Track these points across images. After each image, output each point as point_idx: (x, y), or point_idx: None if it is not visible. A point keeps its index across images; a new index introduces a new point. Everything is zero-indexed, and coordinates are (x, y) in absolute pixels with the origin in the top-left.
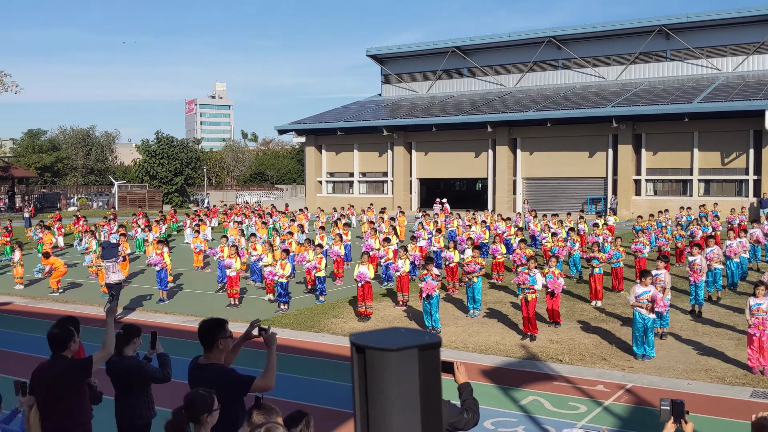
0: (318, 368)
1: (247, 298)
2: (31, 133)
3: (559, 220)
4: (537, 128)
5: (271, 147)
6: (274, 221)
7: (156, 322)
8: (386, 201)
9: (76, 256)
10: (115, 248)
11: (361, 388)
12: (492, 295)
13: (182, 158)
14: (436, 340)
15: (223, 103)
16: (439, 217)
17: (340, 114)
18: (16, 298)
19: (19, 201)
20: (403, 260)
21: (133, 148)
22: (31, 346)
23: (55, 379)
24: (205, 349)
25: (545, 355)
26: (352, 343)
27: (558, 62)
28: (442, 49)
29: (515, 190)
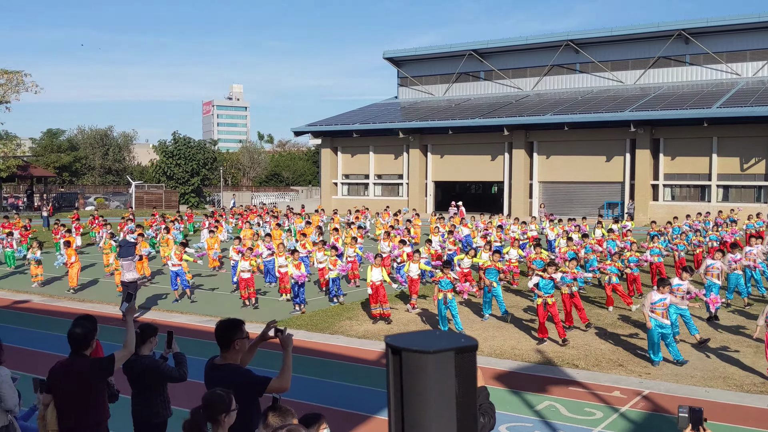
0: (332, 370)
1: (263, 299)
2: (50, 133)
3: (576, 224)
4: (554, 132)
5: (287, 148)
6: (290, 224)
7: (172, 321)
8: (401, 203)
9: (95, 256)
10: (132, 247)
11: (396, 390)
12: (507, 299)
13: (199, 159)
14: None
15: (239, 104)
16: (455, 220)
17: (356, 116)
18: (33, 296)
19: (38, 200)
20: (416, 264)
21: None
22: (48, 344)
23: (76, 378)
24: (222, 350)
25: (561, 360)
26: (387, 344)
27: (576, 66)
28: (459, 52)
29: (531, 193)
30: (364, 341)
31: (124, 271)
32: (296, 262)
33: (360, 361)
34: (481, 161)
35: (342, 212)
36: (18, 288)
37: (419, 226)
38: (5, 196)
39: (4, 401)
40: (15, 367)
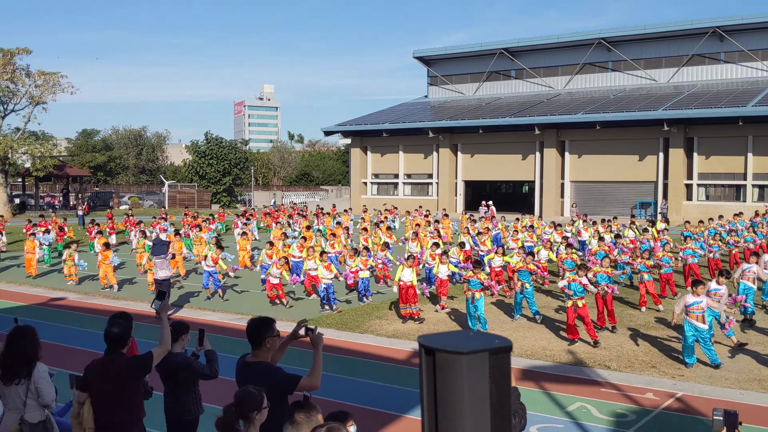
0: (362, 369)
1: (292, 298)
2: (85, 133)
3: (608, 225)
4: (586, 131)
5: (317, 148)
6: (320, 224)
7: (204, 319)
8: (431, 203)
9: (127, 254)
10: (165, 245)
11: (429, 390)
12: (538, 299)
13: (230, 159)
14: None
15: (270, 104)
16: (485, 221)
17: (385, 115)
18: (69, 294)
19: (73, 199)
20: (444, 265)
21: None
22: (84, 341)
23: (114, 376)
24: (253, 348)
25: (593, 361)
26: (420, 345)
27: (608, 64)
28: (489, 51)
29: (563, 193)
30: (394, 340)
31: (157, 269)
32: (326, 264)
33: (389, 361)
34: (512, 161)
35: (371, 212)
36: (54, 285)
37: (449, 228)
38: (42, 195)
39: (41, 396)
40: (51, 364)
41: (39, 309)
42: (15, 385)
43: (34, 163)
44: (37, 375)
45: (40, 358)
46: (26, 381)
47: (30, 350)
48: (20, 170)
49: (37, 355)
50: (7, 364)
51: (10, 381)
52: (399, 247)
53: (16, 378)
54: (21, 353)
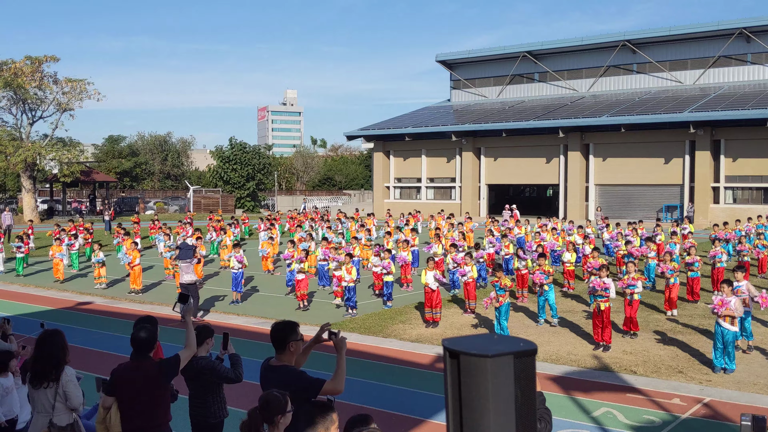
0: (386, 373)
1: (316, 302)
2: (111, 139)
3: (633, 228)
4: (611, 134)
5: (340, 153)
6: (343, 227)
7: (228, 323)
8: (454, 207)
9: (154, 259)
10: (191, 250)
11: (454, 393)
12: (563, 303)
13: (254, 164)
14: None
15: (293, 109)
16: (509, 223)
17: (408, 120)
18: (96, 298)
19: (100, 204)
20: (469, 266)
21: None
22: (110, 345)
23: (143, 380)
24: (277, 351)
25: (619, 366)
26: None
27: (633, 66)
28: (512, 54)
29: (587, 196)
30: (418, 345)
31: (183, 273)
32: (348, 266)
33: (413, 365)
34: (536, 164)
35: (395, 215)
36: (82, 290)
37: (471, 231)
38: (69, 201)
39: (69, 400)
40: (78, 367)
41: (66, 313)
42: (44, 389)
43: (62, 169)
44: (65, 379)
45: (68, 361)
46: (54, 384)
47: (58, 354)
48: (48, 176)
49: (65, 358)
50: (36, 367)
51: (39, 384)
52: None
53: (44, 381)
54: (49, 357)
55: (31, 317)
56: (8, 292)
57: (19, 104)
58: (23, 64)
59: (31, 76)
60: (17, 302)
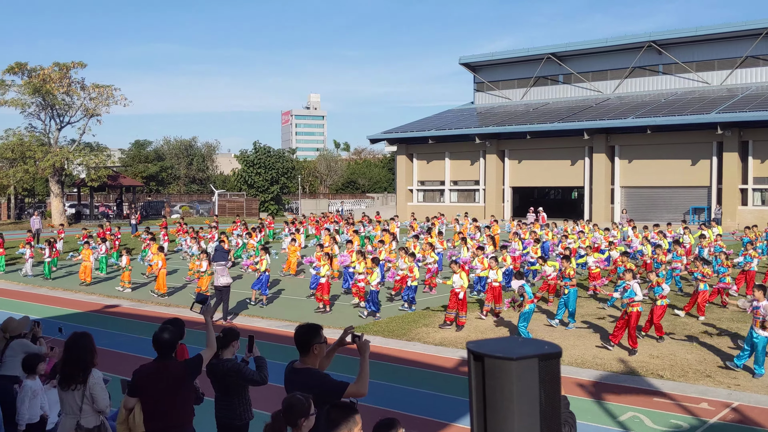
0: (409, 376)
1: (338, 305)
2: (138, 144)
3: (660, 231)
4: (636, 135)
5: (363, 156)
6: (367, 230)
7: (253, 326)
8: (478, 209)
9: (179, 262)
10: (226, 253)
11: (478, 396)
12: (589, 306)
13: (278, 167)
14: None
15: (317, 113)
16: (534, 226)
17: (431, 122)
18: (123, 301)
19: (127, 208)
20: (494, 270)
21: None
22: (137, 347)
23: (168, 380)
24: (301, 354)
25: (645, 370)
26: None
27: (659, 67)
28: (536, 56)
29: (613, 199)
30: (441, 348)
31: (217, 275)
32: (370, 269)
33: (437, 369)
34: (561, 166)
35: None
36: (109, 293)
37: (498, 234)
38: (96, 205)
39: (96, 402)
40: (106, 369)
41: (94, 316)
42: (72, 391)
43: (89, 173)
44: (92, 381)
45: (95, 364)
46: (82, 387)
47: (86, 357)
48: (76, 181)
49: (93, 361)
50: (64, 369)
51: (67, 386)
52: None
53: (72, 383)
54: (77, 359)
55: (59, 320)
56: (37, 295)
57: (48, 110)
58: (51, 70)
59: (59, 82)
60: (46, 305)
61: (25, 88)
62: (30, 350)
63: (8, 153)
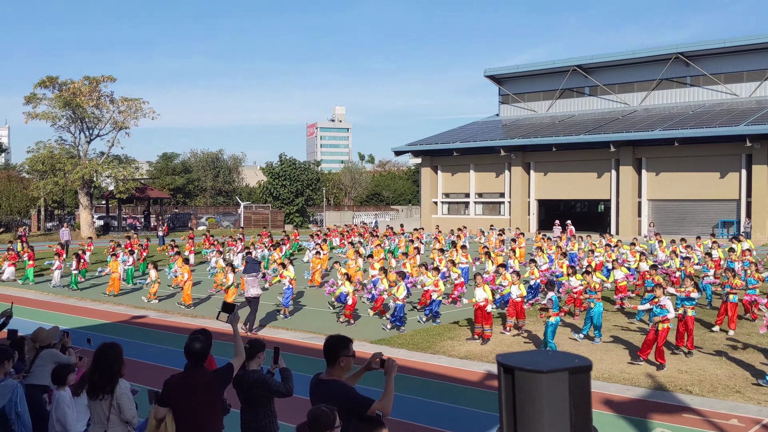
0: (434, 390)
1: (363, 318)
2: (165, 157)
3: (687, 245)
4: (664, 148)
5: (388, 168)
6: (391, 244)
7: (277, 338)
8: (503, 222)
9: (204, 274)
10: (257, 264)
11: (508, 409)
12: (616, 320)
13: (303, 180)
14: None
15: (342, 126)
16: (561, 240)
17: (456, 134)
18: (150, 312)
19: (154, 220)
20: (517, 286)
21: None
22: (163, 358)
23: (200, 390)
24: (328, 365)
25: (673, 385)
26: (499, 363)
27: (686, 79)
28: (562, 68)
29: (640, 212)
30: (466, 362)
31: (248, 287)
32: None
33: (462, 382)
34: (587, 179)
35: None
36: (136, 304)
37: (524, 247)
38: (124, 217)
39: (122, 412)
40: (132, 380)
41: (121, 326)
42: (99, 400)
43: (117, 185)
44: (119, 391)
45: (123, 375)
46: (109, 397)
47: (114, 367)
48: (104, 193)
49: (120, 371)
50: (93, 379)
51: (95, 396)
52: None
53: (100, 393)
54: (106, 369)
55: (87, 330)
56: (66, 306)
57: (77, 123)
58: (82, 84)
59: (89, 95)
60: (75, 315)
61: (56, 102)
62: (59, 360)
63: (39, 165)
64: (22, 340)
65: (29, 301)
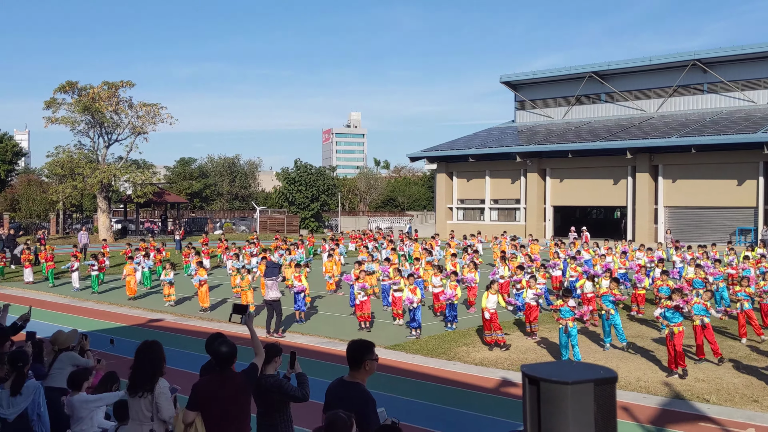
0: (449, 397)
1: (378, 323)
2: (182, 161)
3: (704, 251)
4: (680, 155)
5: (403, 174)
6: (407, 248)
7: (293, 342)
8: (518, 229)
9: (221, 277)
10: (277, 268)
11: (533, 420)
12: (632, 328)
13: (319, 185)
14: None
15: (357, 131)
16: (575, 246)
17: (472, 141)
18: (167, 315)
19: (171, 224)
20: (532, 290)
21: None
22: (180, 362)
23: (232, 392)
24: (352, 369)
25: (690, 394)
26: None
27: (703, 86)
28: (578, 74)
29: (656, 219)
30: (482, 368)
31: (268, 289)
32: (412, 287)
33: (477, 389)
34: (603, 185)
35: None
36: (153, 307)
37: (538, 253)
38: (141, 221)
39: (160, 412)
40: None
41: (138, 329)
42: (139, 398)
43: (135, 190)
44: (158, 390)
45: (163, 373)
46: (149, 395)
47: (155, 364)
48: (122, 197)
49: (161, 370)
50: (133, 376)
51: (134, 393)
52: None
53: (140, 391)
54: (146, 366)
55: (105, 333)
56: (84, 309)
57: (96, 128)
58: (101, 89)
59: (108, 100)
60: (93, 318)
61: (75, 107)
62: (78, 363)
63: (58, 169)
64: (41, 343)
65: (48, 303)
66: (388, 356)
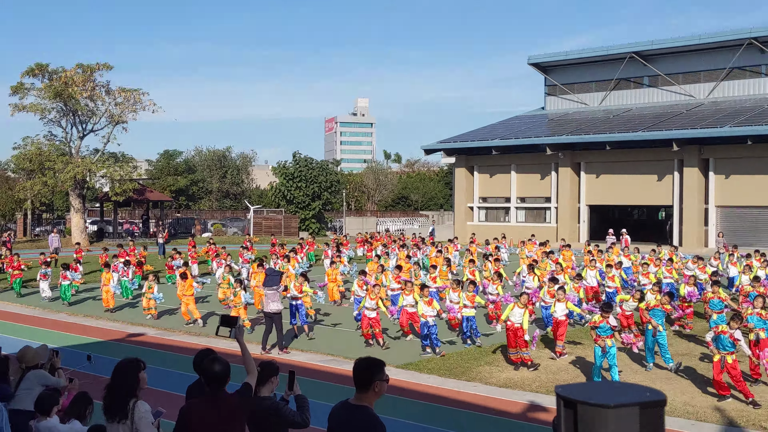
0: (470, 422)
1: (390, 338)
2: (166, 155)
3: (764, 258)
4: (734, 147)
5: (416, 168)
6: (422, 255)
7: (292, 360)
8: (549, 231)
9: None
10: (278, 276)
11: None
12: (678, 345)
13: (320, 181)
14: (661, 398)
15: (365, 120)
16: (613, 251)
17: (495, 131)
18: (149, 329)
19: (154, 226)
20: (562, 303)
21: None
22: (164, 382)
23: (225, 416)
24: (359, 390)
25: (745, 420)
26: (559, 396)
27: (761, 68)
28: (617, 55)
29: (707, 220)
30: (506, 390)
31: (268, 300)
32: (427, 299)
33: (501, 414)
34: (645, 182)
35: (479, 240)
36: (132, 320)
37: (571, 261)
38: (120, 222)
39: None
40: None
41: (117, 345)
42: (117, 423)
43: (113, 186)
44: (137, 415)
45: (137, 396)
46: (127, 420)
47: (127, 386)
48: (98, 195)
49: (134, 392)
50: (107, 398)
51: (111, 418)
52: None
53: (115, 416)
54: (117, 388)
55: (79, 349)
56: (56, 322)
57: (69, 116)
58: (74, 72)
59: (82, 85)
60: (65, 332)
61: (46, 92)
62: (48, 382)
63: (26, 163)
64: (7, 360)
65: (15, 315)
66: (399, 376)
